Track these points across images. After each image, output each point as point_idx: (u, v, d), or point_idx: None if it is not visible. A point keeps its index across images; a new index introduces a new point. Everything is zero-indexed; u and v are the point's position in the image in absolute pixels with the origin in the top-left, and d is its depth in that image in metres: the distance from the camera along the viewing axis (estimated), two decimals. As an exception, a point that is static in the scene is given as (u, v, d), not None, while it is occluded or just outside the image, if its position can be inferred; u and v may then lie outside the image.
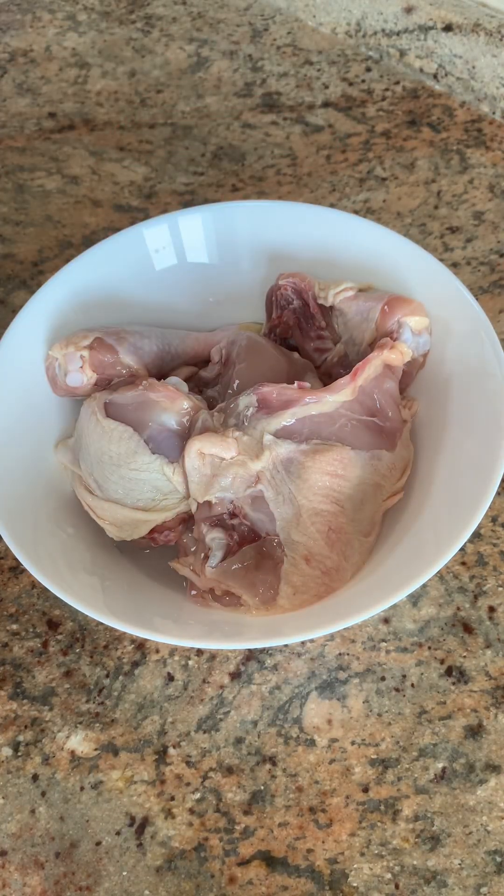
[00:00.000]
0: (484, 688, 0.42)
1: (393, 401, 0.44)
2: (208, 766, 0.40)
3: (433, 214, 0.61)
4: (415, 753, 0.40)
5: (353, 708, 0.41)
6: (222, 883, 0.38)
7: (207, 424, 0.43)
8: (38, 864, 0.38)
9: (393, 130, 0.68)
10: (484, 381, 0.43)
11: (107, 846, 0.39)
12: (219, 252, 0.52)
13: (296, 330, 0.50)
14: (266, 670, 0.43)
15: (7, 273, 0.61)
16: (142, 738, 0.41)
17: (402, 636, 0.43)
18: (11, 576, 0.47)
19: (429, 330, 0.46)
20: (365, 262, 0.49)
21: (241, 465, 0.41)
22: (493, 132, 0.66)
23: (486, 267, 0.58)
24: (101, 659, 0.44)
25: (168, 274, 0.52)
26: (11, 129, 0.71)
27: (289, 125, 0.69)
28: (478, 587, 0.45)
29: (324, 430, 0.43)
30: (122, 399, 0.44)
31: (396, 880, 0.37)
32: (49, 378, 0.47)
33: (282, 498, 0.41)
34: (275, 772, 0.40)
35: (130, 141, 0.69)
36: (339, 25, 0.76)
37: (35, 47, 0.78)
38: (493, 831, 0.38)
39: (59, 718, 0.42)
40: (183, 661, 0.43)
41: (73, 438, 0.46)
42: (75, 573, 0.41)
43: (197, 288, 0.53)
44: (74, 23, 0.80)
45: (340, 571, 0.41)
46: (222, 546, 0.41)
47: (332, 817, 0.39)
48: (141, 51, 0.77)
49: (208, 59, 0.76)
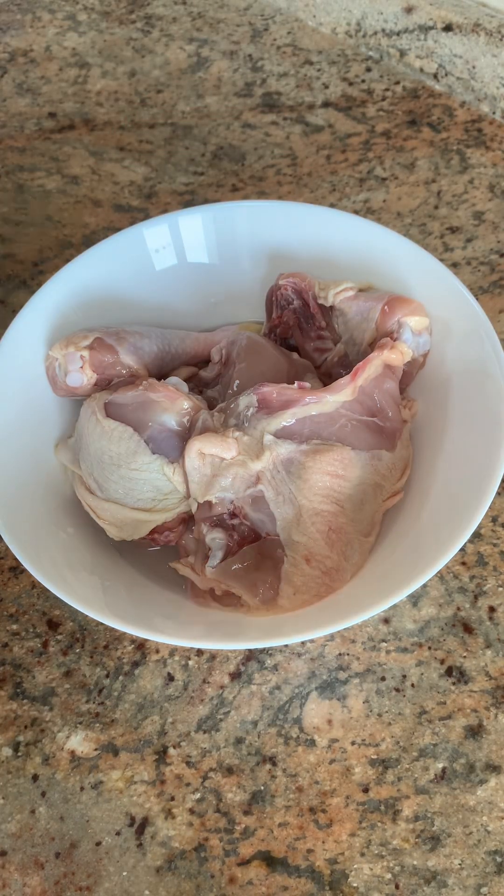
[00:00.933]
0: (484, 688, 0.42)
1: (393, 401, 0.44)
2: (208, 766, 0.40)
3: (433, 214, 0.61)
4: (415, 753, 0.40)
5: (354, 708, 0.41)
6: (222, 883, 0.38)
7: (208, 424, 0.43)
8: (38, 864, 0.38)
9: (393, 130, 0.68)
10: (484, 381, 0.43)
11: (107, 846, 0.39)
12: (219, 252, 0.52)
13: (296, 330, 0.50)
14: (266, 670, 0.43)
15: (7, 273, 0.61)
16: (142, 739, 0.41)
17: (402, 636, 0.43)
18: (11, 576, 0.47)
19: (429, 330, 0.46)
20: (365, 262, 0.49)
21: (241, 465, 0.41)
22: (494, 132, 0.66)
23: (486, 267, 0.58)
24: (101, 659, 0.44)
25: (168, 274, 0.52)
26: (11, 129, 0.71)
27: (289, 125, 0.69)
28: (478, 587, 0.45)
29: (324, 431, 0.43)
30: (122, 399, 0.44)
31: (396, 880, 0.37)
32: (49, 378, 0.47)
33: (282, 498, 0.41)
34: (275, 772, 0.40)
35: (130, 141, 0.69)
36: (339, 25, 0.76)
37: (35, 47, 0.78)
38: (493, 831, 0.38)
39: (59, 718, 0.42)
40: (183, 661, 0.43)
41: (73, 438, 0.46)
42: (75, 573, 0.41)
43: (197, 288, 0.53)
44: (74, 23, 0.80)
45: (340, 571, 0.41)
46: (222, 546, 0.41)
47: (333, 817, 0.39)
48: (141, 51, 0.77)
49: (208, 59, 0.76)
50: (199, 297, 0.53)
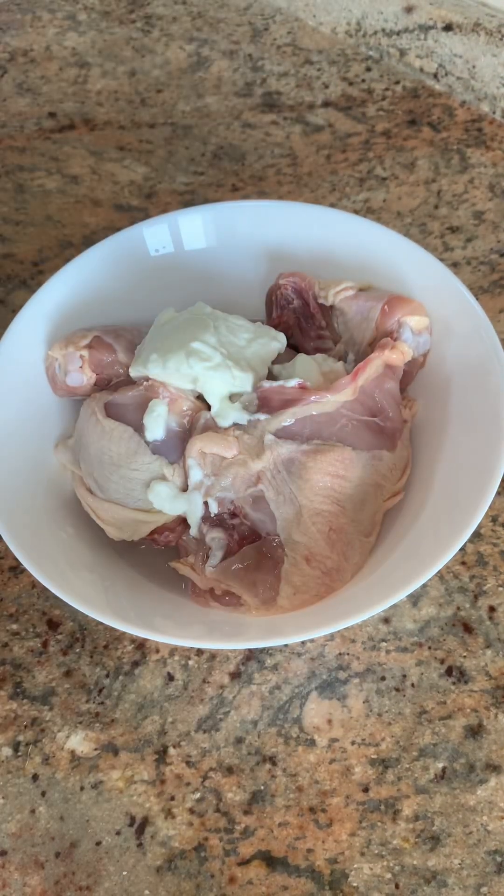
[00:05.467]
0: (484, 688, 0.42)
1: (394, 401, 0.44)
2: (208, 766, 0.40)
3: (433, 214, 0.61)
4: (415, 753, 0.40)
5: (354, 708, 0.41)
6: (222, 883, 0.38)
7: (209, 424, 0.43)
8: (38, 864, 0.38)
9: (393, 130, 0.68)
10: (484, 380, 0.43)
11: (107, 846, 0.39)
12: (218, 252, 0.52)
13: (296, 329, 0.50)
14: (266, 670, 0.43)
15: (7, 273, 0.61)
16: (142, 738, 0.41)
17: (402, 636, 0.43)
18: (11, 576, 0.47)
19: (429, 330, 0.46)
20: (365, 261, 0.49)
21: (241, 465, 0.41)
22: (494, 132, 0.66)
23: (486, 267, 0.58)
24: (101, 659, 0.44)
25: (168, 273, 0.52)
26: (11, 128, 0.71)
27: (289, 125, 0.69)
28: (478, 587, 0.45)
29: (325, 431, 0.43)
30: (122, 399, 0.44)
31: (396, 880, 0.37)
32: (49, 378, 0.47)
33: (282, 498, 0.41)
34: (275, 772, 0.40)
35: (130, 141, 0.69)
36: (339, 25, 0.76)
37: (35, 47, 0.78)
38: (493, 831, 0.38)
39: (59, 718, 0.42)
40: (183, 661, 0.43)
41: (73, 438, 0.46)
42: (75, 573, 0.41)
43: (196, 287, 0.53)
44: (74, 22, 0.80)
45: (341, 572, 0.41)
46: (222, 546, 0.42)
47: (333, 817, 0.39)
48: (141, 50, 0.77)
49: (208, 58, 0.76)
50: (198, 296, 0.53)
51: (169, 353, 0.43)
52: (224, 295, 0.53)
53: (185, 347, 0.43)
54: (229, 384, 0.43)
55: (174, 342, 0.43)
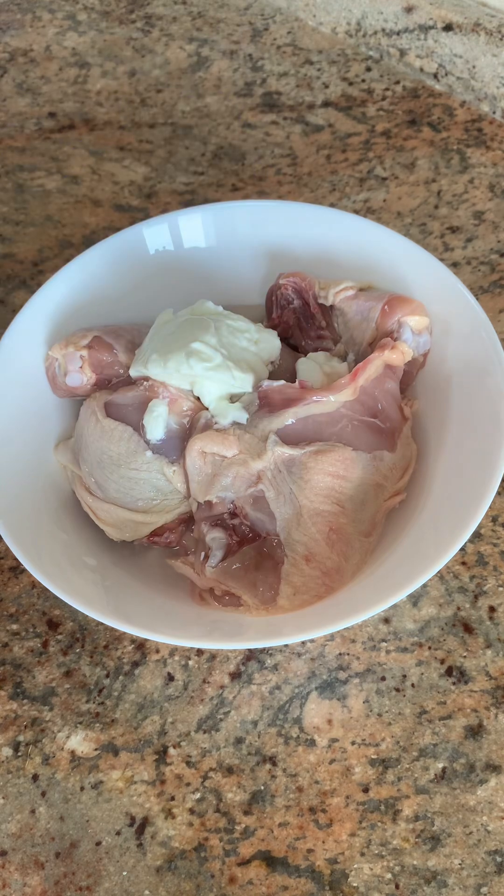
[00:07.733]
0: (484, 688, 0.42)
1: (394, 401, 0.44)
2: (208, 766, 0.40)
3: (433, 214, 0.61)
4: (415, 753, 0.40)
5: (354, 708, 0.41)
6: (222, 883, 0.38)
7: (209, 424, 0.43)
8: (38, 864, 0.38)
9: (393, 130, 0.68)
10: (484, 380, 0.43)
11: (107, 846, 0.39)
12: (219, 251, 0.52)
13: (296, 329, 0.50)
14: (266, 670, 0.43)
15: (7, 273, 0.61)
16: (142, 738, 0.41)
17: (402, 636, 0.43)
18: (11, 576, 0.47)
19: (429, 329, 0.46)
20: (365, 261, 0.49)
21: (242, 464, 0.41)
22: (494, 132, 0.66)
23: (486, 267, 0.58)
24: (101, 659, 0.44)
25: (168, 273, 0.52)
26: (11, 128, 0.71)
27: (289, 125, 0.69)
28: (478, 587, 0.45)
29: (326, 431, 0.42)
30: (122, 399, 0.44)
31: (396, 880, 0.37)
32: (49, 378, 0.47)
33: (283, 498, 0.41)
34: (275, 772, 0.40)
35: (130, 141, 0.69)
36: (339, 25, 0.76)
37: (35, 47, 0.78)
38: (493, 831, 0.38)
39: (60, 718, 0.42)
40: (183, 661, 0.43)
41: (73, 438, 0.46)
42: (75, 573, 0.41)
43: (196, 287, 0.52)
44: (74, 22, 0.80)
45: (341, 572, 0.41)
46: (222, 546, 0.41)
47: (333, 817, 0.39)
48: (141, 50, 0.77)
49: (208, 58, 0.76)
50: (198, 296, 0.53)
51: (169, 353, 0.43)
52: (224, 295, 0.53)
53: (185, 348, 0.43)
54: (229, 385, 0.43)
55: (174, 342, 0.43)
